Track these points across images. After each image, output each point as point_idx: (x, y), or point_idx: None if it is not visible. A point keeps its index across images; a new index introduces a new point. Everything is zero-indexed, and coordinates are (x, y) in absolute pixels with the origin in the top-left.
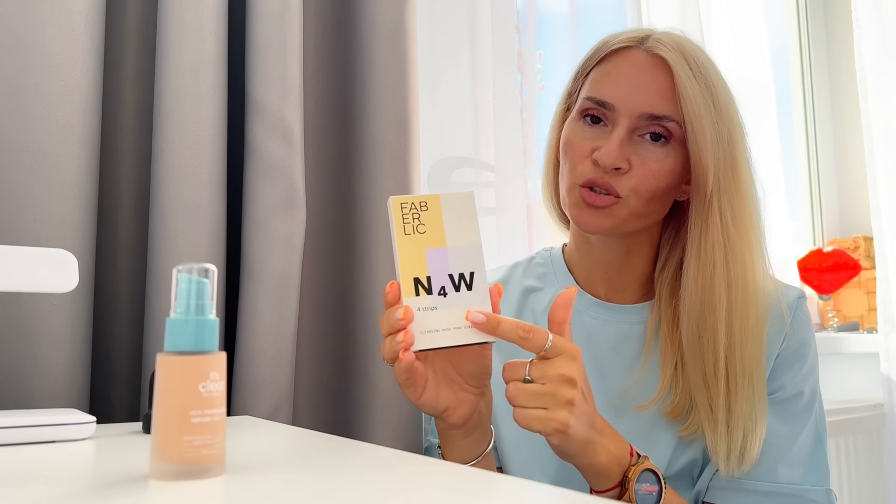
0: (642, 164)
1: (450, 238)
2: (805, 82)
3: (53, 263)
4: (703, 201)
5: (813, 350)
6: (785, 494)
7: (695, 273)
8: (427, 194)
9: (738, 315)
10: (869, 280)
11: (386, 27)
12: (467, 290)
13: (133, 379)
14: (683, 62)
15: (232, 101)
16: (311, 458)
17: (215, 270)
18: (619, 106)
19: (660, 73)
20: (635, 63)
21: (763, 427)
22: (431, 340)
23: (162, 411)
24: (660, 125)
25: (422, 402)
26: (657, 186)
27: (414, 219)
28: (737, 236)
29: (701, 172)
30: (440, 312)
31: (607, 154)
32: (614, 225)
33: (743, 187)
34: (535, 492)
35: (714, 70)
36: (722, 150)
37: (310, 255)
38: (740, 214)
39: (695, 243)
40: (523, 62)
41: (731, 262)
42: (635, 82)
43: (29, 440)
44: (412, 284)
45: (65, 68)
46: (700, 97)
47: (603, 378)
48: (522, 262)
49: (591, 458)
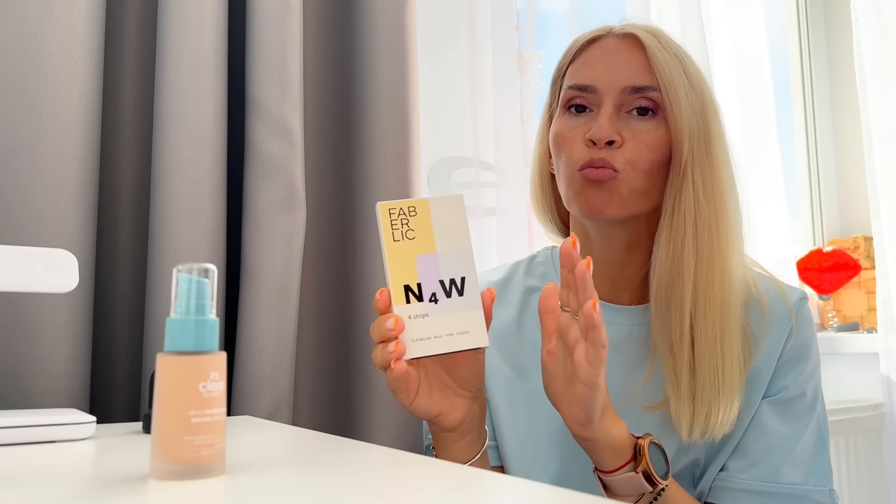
0: (634, 137)
1: (440, 243)
2: (805, 82)
3: (53, 263)
4: (679, 171)
5: (815, 351)
6: (788, 495)
7: (665, 242)
8: (415, 199)
9: (703, 283)
10: (869, 280)
11: (386, 27)
12: (459, 295)
13: (133, 379)
14: (652, 37)
15: (232, 101)
16: (311, 458)
17: (215, 270)
18: (600, 86)
19: (634, 49)
20: (608, 47)
21: (733, 401)
22: (423, 348)
23: (162, 411)
24: (643, 97)
25: (414, 408)
26: (652, 157)
27: (402, 224)
28: (707, 207)
29: (677, 140)
30: (432, 319)
31: (599, 128)
32: (619, 204)
33: (716, 160)
34: (535, 491)
35: (681, 48)
36: (695, 119)
37: (310, 255)
38: (710, 186)
39: (668, 212)
40: (523, 62)
41: (699, 232)
42: (612, 62)
43: (29, 440)
44: (402, 292)
45: (65, 68)
46: (673, 65)
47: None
48: (524, 262)
49: (608, 428)
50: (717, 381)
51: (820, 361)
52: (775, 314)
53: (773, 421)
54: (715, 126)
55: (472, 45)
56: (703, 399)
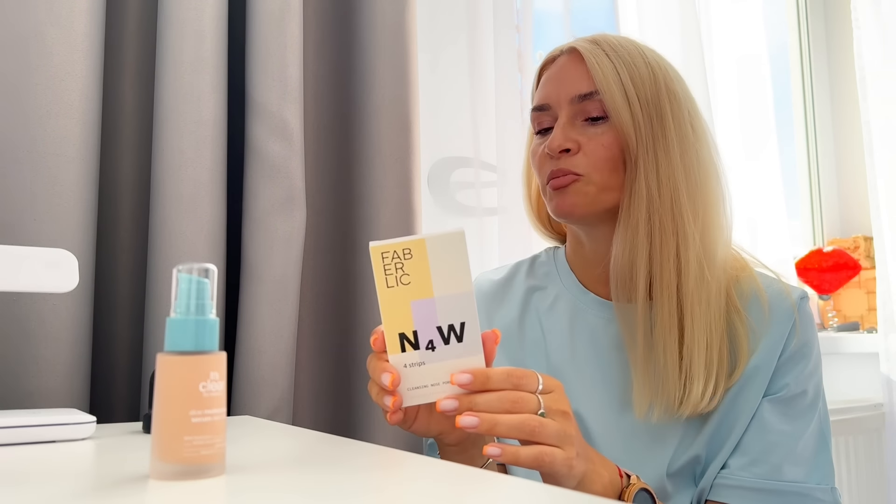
0: (589, 141)
1: (437, 287)
2: (805, 83)
3: (53, 263)
4: (632, 168)
5: (816, 349)
6: (790, 493)
7: (622, 237)
8: (411, 239)
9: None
10: (869, 280)
11: (386, 27)
12: (458, 341)
13: (133, 379)
14: (595, 46)
15: (232, 101)
16: (311, 458)
17: (215, 270)
18: (552, 102)
19: (579, 63)
20: (559, 65)
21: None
22: (420, 396)
23: (162, 411)
24: (591, 102)
25: (414, 430)
26: (609, 155)
27: (397, 269)
28: (659, 199)
29: (623, 139)
30: (428, 367)
31: (552, 140)
32: (585, 203)
33: (671, 153)
34: (535, 491)
35: (634, 49)
36: (642, 116)
37: (310, 255)
38: (666, 178)
39: (623, 208)
40: (523, 62)
41: (652, 223)
42: (561, 78)
43: (29, 440)
44: (397, 340)
45: (65, 68)
46: (609, 68)
47: (606, 377)
48: (526, 262)
49: (588, 489)
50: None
51: (821, 360)
52: (776, 311)
53: (775, 419)
54: (672, 118)
55: (473, 45)
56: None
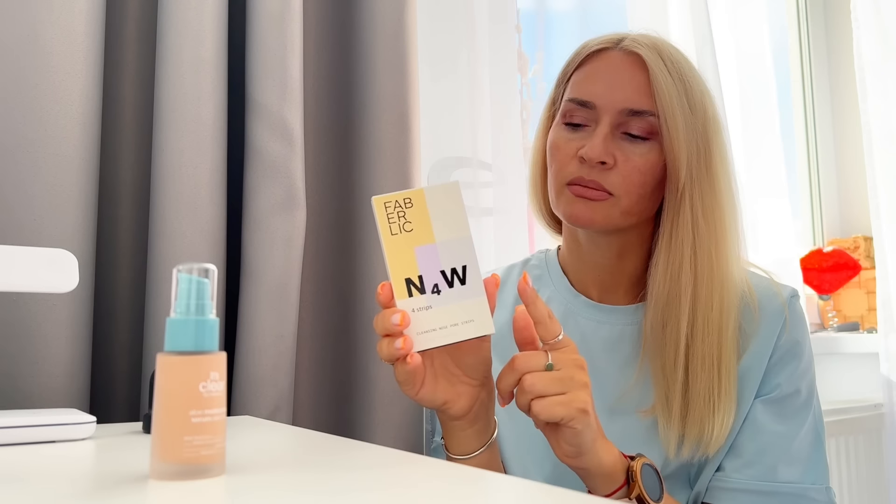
0: (626, 161)
1: (438, 233)
2: (805, 82)
3: (53, 263)
4: (676, 195)
5: (808, 348)
6: (785, 493)
7: (664, 266)
8: (411, 190)
9: (702, 307)
10: (869, 280)
11: (386, 27)
12: (461, 284)
13: (133, 379)
14: (658, 58)
15: (232, 101)
16: (311, 458)
17: (215, 270)
18: (599, 104)
19: (637, 70)
20: (613, 63)
21: (727, 418)
22: (429, 340)
23: (162, 411)
24: (640, 120)
25: (420, 398)
26: (643, 181)
27: (399, 217)
28: (706, 230)
29: (674, 166)
30: (435, 311)
31: (592, 148)
32: (604, 221)
33: (717, 182)
34: (534, 491)
35: (688, 66)
36: (695, 144)
37: (310, 255)
38: (710, 208)
39: (665, 236)
40: (523, 62)
41: (699, 255)
42: (614, 80)
43: (29, 440)
44: (404, 286)
45: (65, 68)
46: (674, 91)
47: (597, 380)
48: (518, 265)
49: (600, 456)
50: (711, 403)
51: (813, 359)
52: (766, 311)
53: (768, 419)
54: (717, 145)
55: (473, 45)
56: (694, 420)
